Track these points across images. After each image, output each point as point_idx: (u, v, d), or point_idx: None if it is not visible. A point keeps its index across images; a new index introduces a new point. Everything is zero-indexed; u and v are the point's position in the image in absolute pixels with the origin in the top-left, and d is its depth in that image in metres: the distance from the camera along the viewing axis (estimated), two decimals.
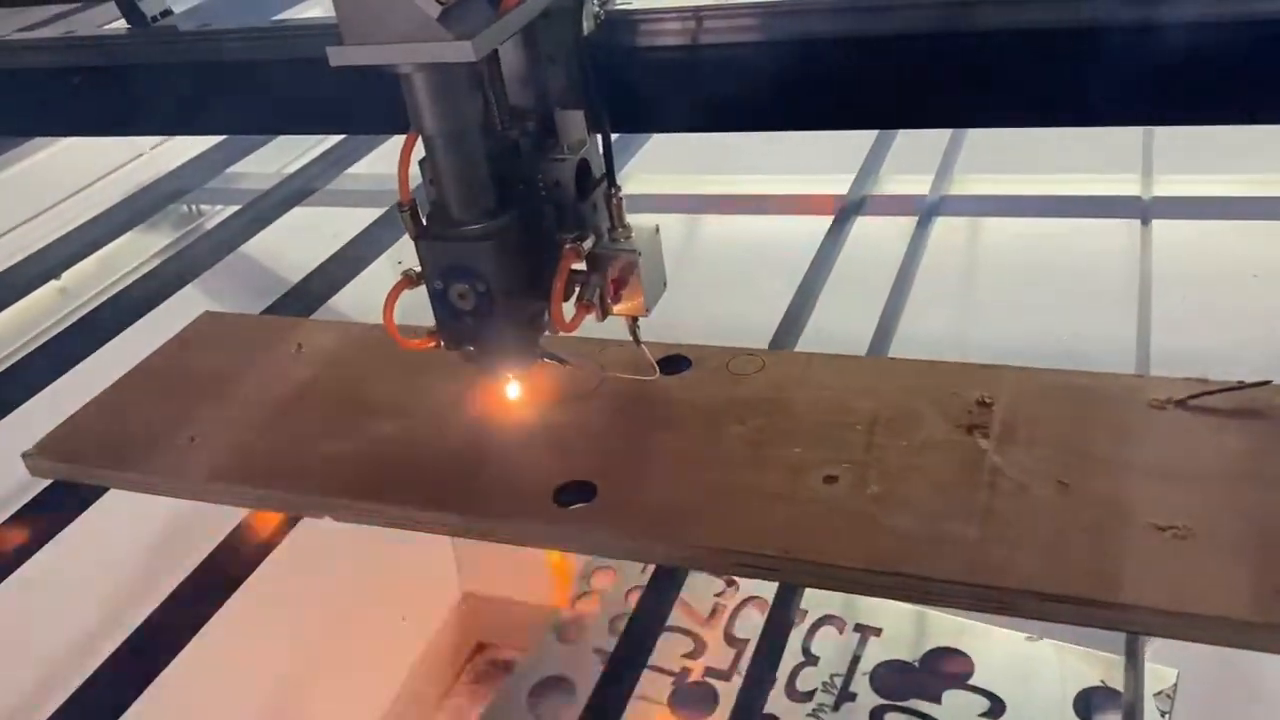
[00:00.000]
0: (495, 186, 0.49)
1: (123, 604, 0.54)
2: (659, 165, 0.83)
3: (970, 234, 0.78)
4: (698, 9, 0.54)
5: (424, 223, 0.50)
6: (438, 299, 0.51)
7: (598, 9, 0.53)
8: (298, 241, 0.91)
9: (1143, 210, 0.68)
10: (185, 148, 1.01)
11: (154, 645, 0.51)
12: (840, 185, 0.77)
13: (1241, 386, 0.47)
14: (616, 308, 0.53)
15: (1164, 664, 0.58)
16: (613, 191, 0.52)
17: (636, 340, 0.55)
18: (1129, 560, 0.41)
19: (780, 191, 0.80)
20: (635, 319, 0.54)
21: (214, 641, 0.53)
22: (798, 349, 0.64)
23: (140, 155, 0.99)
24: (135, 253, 0.95)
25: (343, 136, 0.99)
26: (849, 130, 0.57)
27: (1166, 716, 0.56)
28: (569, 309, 0.51)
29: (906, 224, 0.75)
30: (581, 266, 0.51)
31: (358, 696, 0.73)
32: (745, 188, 0.82)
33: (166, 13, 0.62)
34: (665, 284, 0.54)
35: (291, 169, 1.04)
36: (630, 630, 0.47)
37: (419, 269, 0.51)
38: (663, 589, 0.48)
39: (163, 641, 0.51)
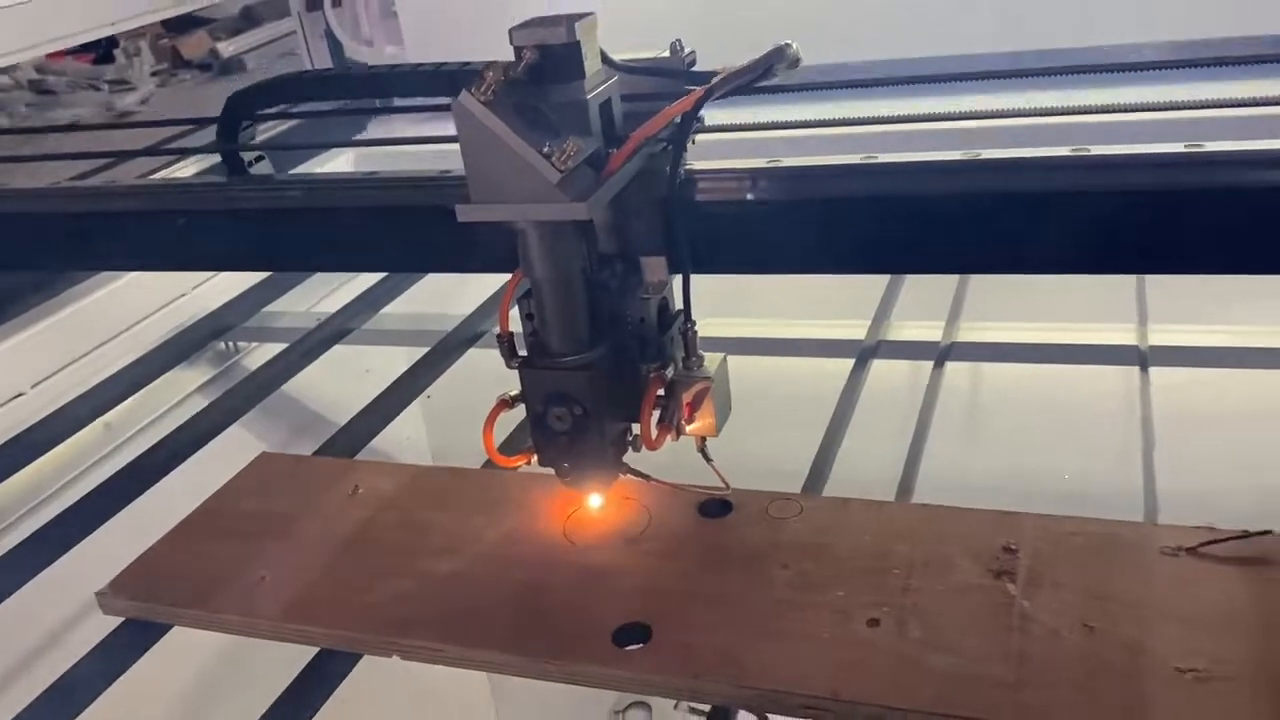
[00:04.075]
0: (591, 322, 0.55)
1: None
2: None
3: (979, 379, 0.83)
4: (753, 170, 0.60)
5: (518, 352, 0.56)
6: (536, 421, 0.56)
7: (682, 171, 0.59)
8: (337, 380, 0.95)
9: (1141, 358, 0.74)
10: (224, 288, 1.07)
11: None
12: (853, 330, 0.82)
13: (1246, 535, 0.51)
14: (690, 428, 0.58)
15: None
16: (689, 325, 0.58)
17: (706, 458, 0.60)
18: (1157, 701, 0.44)
19: (799, 336, 0.85)
20: (705, 439, 0.59)
21: None
22: (828, 490, 0.68)
23: (183, 294, 1.04)
24: (175, 389, 0.99)
25: (377, 280, 1.05)
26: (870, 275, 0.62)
27: None
28: (655, 430, 0.57)
29: (919, 368, 0.80)
30: (662, 392, 0.57)
31: None
32: (767, 331, 0.87)
33: (260, 157, 0.69)
34: (731, 408, 0.59)
35: (319, 308, 1.09)
36: None
37: (513, 393, 0.57)
38: None
39: None
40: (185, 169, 1.05)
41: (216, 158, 0.71)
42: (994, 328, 0.83)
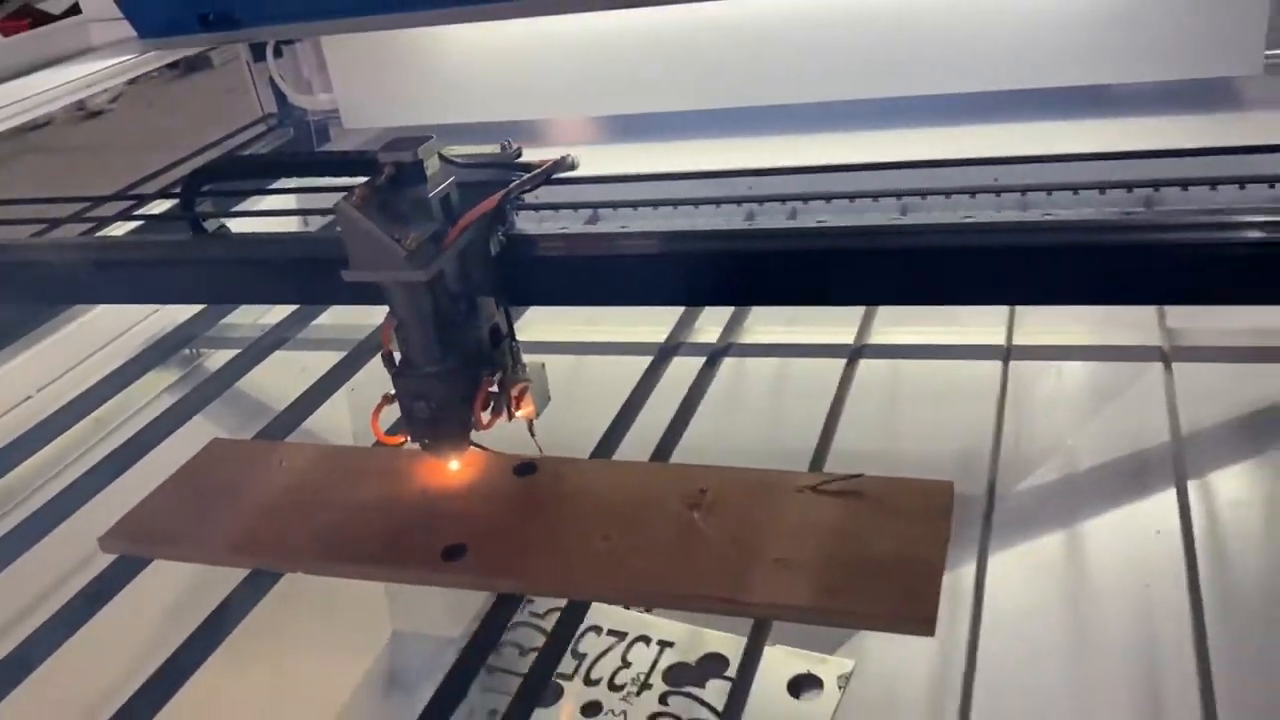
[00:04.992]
0: (440, 344, 0.81)
1: (165, 632, 0.83)
2: (541, 320, 1.16)
3: (744, 370, 1.10)
4: (553, 234, 0.88)
5: (396, 364, 0.82)
6: (406, 413, 0.82)
7: (501, 238, 0.86)
8: (279, 378, 1.22)
9: (851, 353, 1.02)
10: (187, 306, 1.33)
11: (184, 662, 0.80)
12: (658, 334, 1.10)
13: (846, 478, 0.79)
14: (518, 414, 0.85)
15: (847, 656, 0.90)
16: (513, 344, 0.85)
17: (531, 434, 0.87)
18: (755, 578, 0.72)
19: (616, 339, 1.13)
20: (531, 420, 0.86)
21: (214, 667, 0.81)
22: (617, 454, 0.95)
23: (155, 311, 1.30)
24: (150, 389, 1.25)
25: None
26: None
27: (844, 690, 0.87)
28: (487, 416, 0.83)
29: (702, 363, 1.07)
30: (496, 389, 0.84)
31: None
32: (589, 336, 1.15)
33: (222, 228, 0.96)
34: (550, 398, 0.87)
35: (265, 320, 1.35)
36: (475, 637, 0.77)
37: (392, 392, 0.83)
38: (503, 608, 0.79)
39: (186, 661, 0.80)
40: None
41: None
42: (768, 330, 1.11)
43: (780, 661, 0.90)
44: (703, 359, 1.06)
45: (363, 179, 0.80)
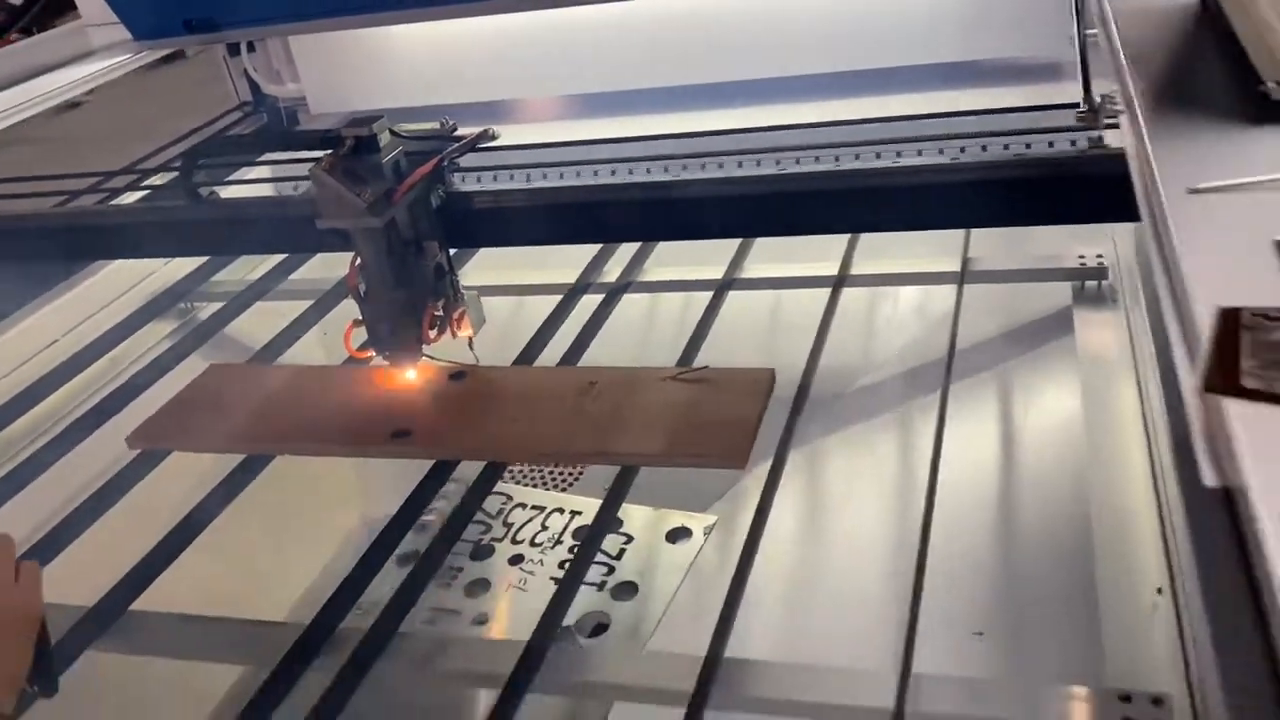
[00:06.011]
0: (394, 277, 1.05)
1: (183, 503, 1.08)
2: (487, 263, 1.40)
3: (639, 301, 1.36)
4: (493, 190, 1.13)
5: (363, 294, 1.07)
6: (371, 330, 1.07)
7: (442, 195, 1.11)
8: (261, 323, 1.46)
9: (721, 286, 1.27)
10: (182, 266, 1.57)
11: (196, 521, 1.05)
12: (569, 275, 1.35)
13: (696, 370, 1.05)
14: (460, 333, 1.10)
15: (711, 514, 1.16)
16: (453, 278, 1.10)
17: (471, 348, 1.12)
18: (621, 437, 0.98)
19: (538, 281, 1.38)
20: (470, 338, 1.11)
21: (220, 527, 1.06)
22: (536, 363, 1.20)
23: (153, 272, 1.54)
24: (153, 335, 1.49)
25: (284, 256, 1.56)
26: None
27: (707, 536, 1.13)
28: (433, 334, 1.08)
29: (610, 299, 1.33)
30: (440, 313, 1.09)
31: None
32: (531, 279, 1.40)
33: (212, 194, 1.20)
34: (485, 320, 1.12)
35: (251, 276, 1.59)
36: (408, 501, 1.02)
37: (359, 318, 1.08)
38: (440, 473, 1.04)
39: (198, 520, 1.05)
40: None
41: None
42: (663, 269, 1.36)
43: (663, 519, 1.16)
44: (604, 294, 1.31)
45: (329, 150, 1.05)
